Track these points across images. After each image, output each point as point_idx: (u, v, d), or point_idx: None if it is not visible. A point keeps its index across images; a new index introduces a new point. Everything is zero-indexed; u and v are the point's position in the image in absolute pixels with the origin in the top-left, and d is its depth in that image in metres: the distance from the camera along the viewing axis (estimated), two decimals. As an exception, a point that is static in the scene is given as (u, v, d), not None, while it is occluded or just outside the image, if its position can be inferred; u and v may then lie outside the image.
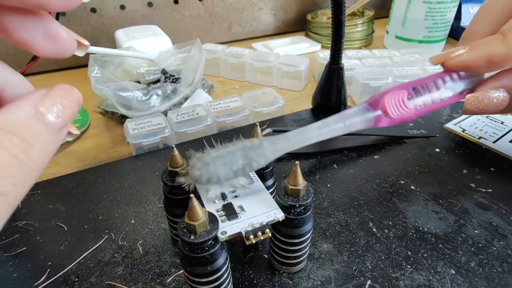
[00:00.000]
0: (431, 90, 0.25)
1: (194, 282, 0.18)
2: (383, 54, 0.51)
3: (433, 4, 0.54)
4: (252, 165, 0.20)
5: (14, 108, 0.13)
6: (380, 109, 0.24)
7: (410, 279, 0.22)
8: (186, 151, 0.20)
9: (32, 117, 0.13)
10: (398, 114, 0.25)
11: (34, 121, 0.13)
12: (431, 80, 0.26)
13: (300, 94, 0.48)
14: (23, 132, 0.12)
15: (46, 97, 0.13)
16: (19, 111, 0.13)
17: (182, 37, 0.61)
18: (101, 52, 0.40)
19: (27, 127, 0.12)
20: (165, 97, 0.39)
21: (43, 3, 0.13)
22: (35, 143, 0.12)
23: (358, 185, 0.30)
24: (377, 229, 0.26)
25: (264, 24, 0.68)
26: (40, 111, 0.13)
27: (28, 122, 0.13)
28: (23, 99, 0.13)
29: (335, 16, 0.33)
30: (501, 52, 0.23)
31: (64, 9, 0.13)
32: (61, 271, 0.23)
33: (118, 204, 0.28)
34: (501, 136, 0.35)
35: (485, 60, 0.23)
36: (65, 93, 0.14)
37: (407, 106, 0.25)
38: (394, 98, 0.24)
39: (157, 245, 0.25)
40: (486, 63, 0.23)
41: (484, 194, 0.28)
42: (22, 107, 0.13)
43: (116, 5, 0.54)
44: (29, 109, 0.13)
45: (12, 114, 0.12)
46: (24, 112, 0.13)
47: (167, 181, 0.21)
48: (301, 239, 0.20)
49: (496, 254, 0.23)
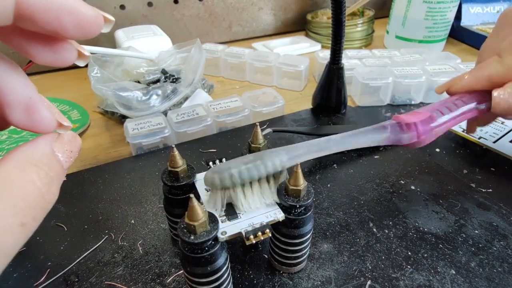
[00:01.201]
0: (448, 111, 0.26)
1: (194, 282, 0.18)
2: (383, 54, 0.51)
3: (433, 4, 0.54)
4: (267, 163, 0.19)
5: (35, 144, 0.14)
6: (413, 130, 0.25)
7: (410, 279, 0.22)
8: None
9: (52, 154, 0.14)
10: (428, 138, 0.25)
11: (53, 157, 0.14)
12: (445, 105, 0.27)
13: (300, 94, 0.48)
14: (47, 166, 0.13)
15: (58, 139, 0.15)
16: (41, 147, 0.14)
17: (182, 37, 0.61)
18: (101, 52, 0.40)
19: (50, 163, 0.13)
20: (165, 97, 0.39)
21: (60, 31, 0.13)
22: (54, 178, 0.13)
23: (358, 185, 0.30)
24: (377, 229, 0.26)
25: (264, 24, 0.68)
26: (54, 150, 0.14)
27: (50, 158, 0.14)
28: (40, 138, 0.14)
29: (335, 16, 0.33)
30: (498, 71, 0.25)
31: (81, 38, 0.14)
32: (61, 271, 0.23)
33: (118, 204, 0.28)
34: (501, 136, 0.35)
35: (486, 80, 0.26)
36: (72, 138, 0.15)
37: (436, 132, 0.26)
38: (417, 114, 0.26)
39: (157, 245, 0.25)
40: (487, 82, 0.26)
41: (484, 194, 0.28)
42: (43, 144, 0.14)
43: (116, 5, 0.54)
44: (48, 148, 0.14)
45: (36, 149, 0.13)
46: (46, 149, 0.14)
47: (167, 181, 0.21)
48: (301, 239, 0.20)
49: (496, 254, 0.23)
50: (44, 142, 0.14)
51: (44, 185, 0.13)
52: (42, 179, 0.13)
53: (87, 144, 0.38)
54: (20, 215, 0.12)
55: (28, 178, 0.12)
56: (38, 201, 0.12)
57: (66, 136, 0.15)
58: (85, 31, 0.14)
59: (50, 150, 0.14)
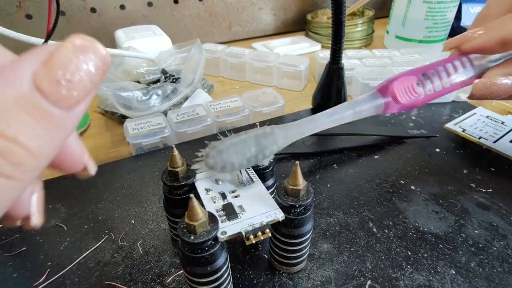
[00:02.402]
0: (440, 76, 0.25)
1: (194, 282, 0.18)
2: (383, 54, 0.51)
3: (433, 4, 0.54)
4: (265, 152, 0.20)
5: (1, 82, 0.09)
6: (390, 95, 0.24)
7: (410, 279, 0.22)
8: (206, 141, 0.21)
9: (27, 99, 0.09)
10: (408, 100, 0.25)
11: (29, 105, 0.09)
12: (441, 64, 0.26)
13: (300, 94, 0.48)
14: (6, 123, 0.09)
15: (49, 63, 0.09)
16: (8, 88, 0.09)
17: (182, 37, 0.60)
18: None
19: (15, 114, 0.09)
20: (165, 97, 0.39)
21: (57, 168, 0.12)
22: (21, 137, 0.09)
23: (358, 185, 0.30)
24: (377, 229, 0.26)
25: (264, 24, 0.68)
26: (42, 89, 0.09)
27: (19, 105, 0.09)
28: (16, 63, 0.09)
29: (335, 16, 0.33)
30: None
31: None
32: (61, 271, 0.23)
33: (118, 204, 0.28)
34: (501, 136, 0.35)
35: (500, 41, 0.23)
36: (80, 51, 0.09)
37: (417, 92, 0.25)
38: (404, 84, 0.25)
39: (157, 245, 0.25)
40: (500, 44, 0.24)
41: (484, 194, 0.28)
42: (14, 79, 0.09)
43: (116, 5, 0.54)
44: (24, 82, 0.09)
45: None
46: (16, 89, 0.09)
47: (167, 181, 0.21)
48: (301, 239, 0.20)
49: (496, 254, 0.23)
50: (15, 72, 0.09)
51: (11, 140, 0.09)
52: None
53: (87, 144, 0.38)
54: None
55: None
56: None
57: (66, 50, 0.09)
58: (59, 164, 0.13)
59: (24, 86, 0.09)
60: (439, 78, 0.25)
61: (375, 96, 0.25)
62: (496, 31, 0.24)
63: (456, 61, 0.26)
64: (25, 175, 0.10)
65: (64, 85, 0.09)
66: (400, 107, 0.25)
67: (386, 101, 0.24)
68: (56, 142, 0.10)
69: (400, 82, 0.25)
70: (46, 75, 0.09)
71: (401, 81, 0.25)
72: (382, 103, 0.24)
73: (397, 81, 0.25)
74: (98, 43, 0.10)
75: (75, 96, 0.09)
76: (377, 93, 0.25)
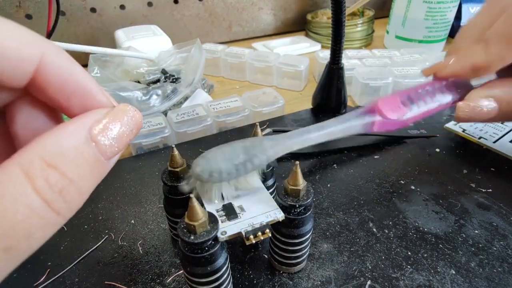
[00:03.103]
0: (423, 97, 0.27)
1: (194, 282, 0.18)
2: (383, 54, 0.51)
3: (433, 4, 0.54)
4: (254, 161, 0.20)
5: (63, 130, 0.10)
6: (376, 112, 0.25)
7: (410, 279, 0.22)
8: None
9: (84, 145, 0.11)
10: (393, 114, 0.25)
11: (86, 150, 0.11)
12: (421, 87, 0.27)
13: (300, 94, 0.48)
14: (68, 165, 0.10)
15: (103, 122, 0.11)
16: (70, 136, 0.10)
17: (182, 37, 0.60)
18: (101, 52, 0.40)
19: (74, 159, 0.10)
20: (165, 97, 0.39)
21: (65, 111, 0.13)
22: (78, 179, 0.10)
23: (358, 185, 0.30)
24: (377, 229, 0.26)
25: (264, 24, 0.68)
26: (96, 139, 0.11)
27: (77, 152, 0.10)
28: (77, 119, 0.11)
29: (335, 16, 0.33)
30: (483, 60, 0.25)
31: None
32: (61, 271, 0.23)
33: (118, 204, 0.28)
34: (501, 136, 0.35)
35: (470, 68, 0.26)
36: (126, 116, 0.12)
37: (401, 108, 0.26)
38: (388, 101, 0.26)
39: (157, 245, 0.25)
40: (471, 71, 0.26)
41: (484, 194, 0.28)
42: (75, 130, 0.11)
43: (116, 5, 0.54)
44: (82, 134, 0.11)
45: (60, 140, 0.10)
46: (76, 138, 0.11)
47: (167, 181, 0.21)
48: (301, 239, 0.20)
49: (496, 254, 0.23)
50: (80, 127, 0.11)
51: (53, 194, 0.10)
52: (52, 187, 0.10)
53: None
54: (4, 238, 0.09)
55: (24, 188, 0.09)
56: (35, 218, 0.10)
57: (118, 114, 0.12)
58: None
59: (83, 139, 0.11)
60: (422, 99, 0.27)
61: (363, 113, 0.25)
62: (466, 59, 0.26)
63: (436, 85, 0.28)
64: (69, 213, 0.11)
65: (113, 139, 0.11)
66: (386, 124, 0.25)
67: (374, 118, 0.25)
68: (95, 185, 0.12)
69: (385, 100, 0.26)
70: (100, 131, 0.11)
71: (385, 99, 0.26)
72: (370, 120, 0.25)
73: (381, 99, 0.26)
74: (137, 110, 0.13)
75: (116, 149, 0.12)
76: (365, 111, 0.26)
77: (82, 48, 0.39)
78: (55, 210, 0.10)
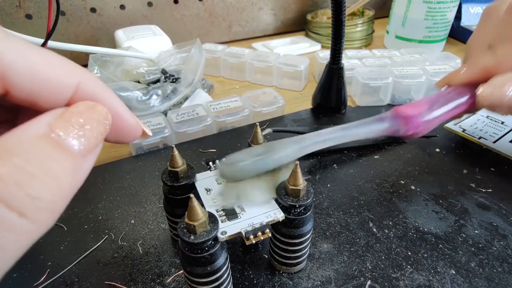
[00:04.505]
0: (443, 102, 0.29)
1: (194, 282, 0.18)
2: (383, 54, 0.51)
3: (433, 4, 0.54)
4: (273, 155, 0.20)
5: (20, 127, 0.10)
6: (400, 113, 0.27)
7: (410, 279, 0.22)
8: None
9: (44, 137, 0.10)
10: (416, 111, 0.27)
11: (46, 142, 0.10)
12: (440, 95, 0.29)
13: (300, 94, 0.48)
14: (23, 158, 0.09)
15: (62, 115, 0.11)
16: (25, 130, 0.10)
17: (182, 37, 0.60)
18: (101, 52, 0.40)
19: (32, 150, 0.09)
20: (165, 97, 0.39)
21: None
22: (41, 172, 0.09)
23: (358, 185, 0.30)
24: (377, 229, 0.26)
25: (264, 24, 0.68)
26: (56, 132, 0.10)
27: (36, 143, 0.10)
28: (35, 118, 0.11)
29: (335, 16, 0.33)
30: (491, 63, 0.27)
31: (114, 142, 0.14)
32: (61, 271, 0.23)
33: (118, 204, 0.28)
34: (501, 136, 0.35)
35: (482, 73, 0.28)
36: (87, 110, 0.12)
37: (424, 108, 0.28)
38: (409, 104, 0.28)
39: (157, 245, 0.25)
40: (483, 74, 0.28)
41: (484, 194, 0.28)
42: (32, 125, 0.10)
43: (116, 5, 0.54)
44: (40, 128, 0.10)
45: (15, 135, 0.10)
46: (33, 131, 0.10)
47: (167, 181, 0.21)
48: (301, 239, 0.20)
49: (496, 254, 0.23)
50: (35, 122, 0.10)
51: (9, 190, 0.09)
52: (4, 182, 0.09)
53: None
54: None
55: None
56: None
57: (76, 108, 0.11)
58: (120, 138, 0.14)
59: (41, 132, 0.10)
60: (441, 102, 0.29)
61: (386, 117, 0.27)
62: (477, 65, 0.28)
63: (451, 91, 0.29)
64: (41, 214, 0.09)
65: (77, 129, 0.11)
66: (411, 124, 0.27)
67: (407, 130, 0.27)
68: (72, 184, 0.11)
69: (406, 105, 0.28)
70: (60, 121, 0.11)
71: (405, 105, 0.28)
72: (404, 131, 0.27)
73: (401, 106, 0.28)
74: (100, 105, 0.12)
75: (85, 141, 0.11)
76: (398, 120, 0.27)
77: (82, 48, 0.39)
78: (20, 213, 0.09)
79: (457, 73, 0.29)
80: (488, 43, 0.28)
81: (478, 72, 0.28)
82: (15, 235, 0.09)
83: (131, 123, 0.14)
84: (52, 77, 0.11)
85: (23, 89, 0.11)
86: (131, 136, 0.14)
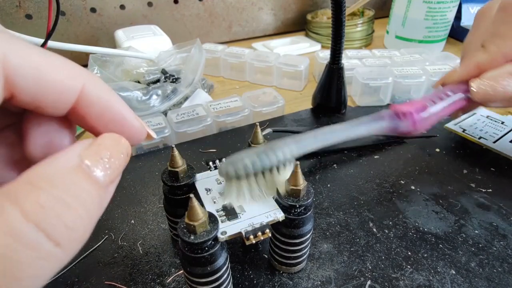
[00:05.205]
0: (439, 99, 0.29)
1: (194, 282, 0.18)
2: (383, 54, 0.51)
3: (433, 4, 0.54)
4: (276, 152, 0.20)
5: (53, 158, 0.10)
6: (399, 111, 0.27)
7: (410, 279, 0.22)
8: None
9: (76, 168, 0.10)
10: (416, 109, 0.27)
11: (78, 173, 0.10)
12: (436, 94, 0.29)
13: (300, 94, 0.48)
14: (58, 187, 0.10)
15: (91, 147, 0.11)
16: (59, 161, 0.10)
17: (182, 37, 0.60)
18: (101, 52, 0.40)
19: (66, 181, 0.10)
20: (165, 97, 0.39)
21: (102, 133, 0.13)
22: (76, 203, 0.10)
23: (358, 185, 0.30)
24: (377, 229, 0.26)
25: (264, 24, 0.68)
26: (86, 163, 0.11)
27: (70, 174, 0.10)
28: (67, 148, 0.11)
29: (335, 16, 0.33)
30: (484, 59, 0.28)
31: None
32: (61, 271, 0.23)
33: (118, 204, 0.28)
34: (501, 136, 0.35)
35: (475, 69, 0.28)
36: (113, 142, 0.12)
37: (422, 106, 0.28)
38: (408, 103, 0.28)
39: (157, 245, 0.25)
40: (476, 71, 0.28)
41: (484, 194, 0.28)
42: (64, 156, 0.11)
43: (116, 5, 0.54)
44: (73, 159, 0.11)
45: (50, 165, 0.10)
46: (66, 162, 0.10)
47: (167, 181, 0.21)
48: (301, 239, 0.20)
49: (497, 254, 0.23)
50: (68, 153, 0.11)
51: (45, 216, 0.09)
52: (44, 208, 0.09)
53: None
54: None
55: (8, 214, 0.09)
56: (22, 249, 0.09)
57: (103, 140, 0.12)
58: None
59: (74, 163, 0.10)
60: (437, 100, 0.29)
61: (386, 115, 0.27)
62: (470, 62, 0.29)
63: (447, 89, 0.30)
64: (71, 243, 0.10)
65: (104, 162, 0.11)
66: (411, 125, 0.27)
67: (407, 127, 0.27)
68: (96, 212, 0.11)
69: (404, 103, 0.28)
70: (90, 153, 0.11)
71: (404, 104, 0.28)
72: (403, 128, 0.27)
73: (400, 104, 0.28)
74: (123, 138, 0.13)
75: (109, 172, 0.12)
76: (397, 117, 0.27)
77: (82, 48, 0.39)
78: (57, 243, 0.09)
79: (452, 73, 0.30)
80: (481, 43, 0.29)
81: (471, 69, 0.28)
82: (49, 263, 0.09)
83: (136, 125, 0.14)
84: (57, 80, 0.11)
85: (28, 92, 0.11)
86: (136, 139, 0.14)
